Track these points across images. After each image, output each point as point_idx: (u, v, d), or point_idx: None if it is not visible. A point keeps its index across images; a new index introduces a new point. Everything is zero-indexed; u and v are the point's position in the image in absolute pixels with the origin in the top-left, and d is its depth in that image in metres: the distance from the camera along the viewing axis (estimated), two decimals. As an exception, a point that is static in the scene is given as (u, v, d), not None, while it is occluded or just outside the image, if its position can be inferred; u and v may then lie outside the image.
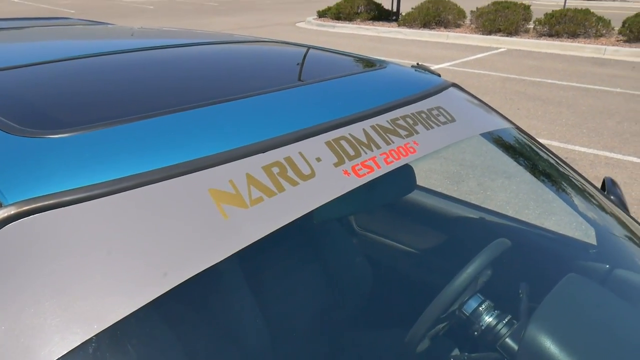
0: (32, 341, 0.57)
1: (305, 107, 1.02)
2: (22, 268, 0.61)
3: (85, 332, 0.59)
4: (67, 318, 0.59)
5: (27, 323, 0.58)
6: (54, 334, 0.58)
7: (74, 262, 0.63)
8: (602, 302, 1.24)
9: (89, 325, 0.59)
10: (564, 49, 10.71)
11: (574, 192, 1.52)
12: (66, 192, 0.68)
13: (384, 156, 0.95)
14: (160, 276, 0.64)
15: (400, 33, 12.88)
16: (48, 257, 0.63)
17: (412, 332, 1.21)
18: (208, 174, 0.76)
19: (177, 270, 0.65)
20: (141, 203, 0.70)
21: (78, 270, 0.62)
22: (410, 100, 1.15)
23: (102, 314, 0.60)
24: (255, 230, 0.74)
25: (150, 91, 1.07)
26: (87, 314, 0.60)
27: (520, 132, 1.49)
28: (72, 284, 0.62)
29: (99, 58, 1.27)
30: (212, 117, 0.91)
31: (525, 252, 1.59)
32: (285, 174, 0.82)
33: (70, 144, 0.77)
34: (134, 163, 0.75)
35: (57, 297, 0.60)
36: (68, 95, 1.03)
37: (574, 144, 5.22)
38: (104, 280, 0.63)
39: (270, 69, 1.34)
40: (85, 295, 0.61)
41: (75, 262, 0.63)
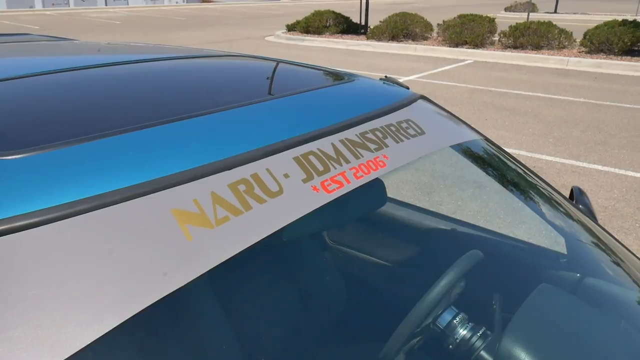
0: None
1: (273, 122, 1.00)
2: None
3: None
4: (27, 349, 0.56)
5: None
6: None
7: (30, 291, 0.59)
8: (574, 311, 1.25)
9: (49, 355, 0.55)
10: (528, 61, 10.97)
11: (543, 201, 1.54)
12: (18, 216, 0.64)
13: (354, 171, 0.93)
14: (123, 302, 0.61)
15: (369, 46, 13.01)
16: (1, 285, 0.59)
17: (386, 347, 1.19)
18: (171, 193, 0.73)
19: (139, 295, 0.62)
20: (100, 226, 0.66)
21: (30, 299, 0.58)
22: (379, 113, 1.14)
23: (63, 343, 0.56)
24: (222, 251, 0.71)
25: (111, 108, 1.03)
26: (47, 345, 0.56)
27: (489, 143, 1.49)
28: (25, 314, 0.58)
29: (56, 75, 1.23)
30: (175, 134, 0.88)
31: (497, 263, 1.59)
32: (252, 191, 0.79)
33: (23, 165, 0.73)
34: (92, 184, 0.72)
35: (8, 329, 0.56)
36: (22, 114, 0.98)
37: (541, 153, 5.32)
38: (60, 309, 0.59)
39: (237, 83, 1.32)
40: (40, 325, 0.57)
41: (31, 290, 0.59)
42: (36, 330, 0.56)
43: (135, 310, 0.61)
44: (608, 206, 4.11)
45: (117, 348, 0.75)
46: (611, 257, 1.46)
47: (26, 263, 0.61)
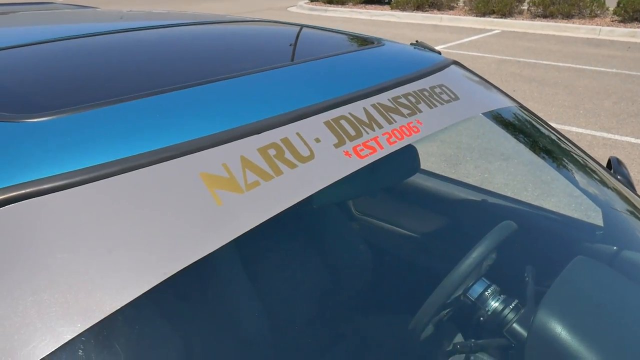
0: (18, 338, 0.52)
1: (302, 86, 0.96)
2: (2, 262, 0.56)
3: (76, 327, 0.54)
4: (56, 313, 0.54)
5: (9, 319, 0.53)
6: (40, 329, 0.53)
7: (57, 255, 0.58)
8: (612, 284, 1.20)
9: (79, 319, 0.54)
10: (558, 30, 10.63)
11: (579, 171, 1.48)
12: (46, 179, 0.62)
13: (387, 136, 0.90)
14: (152, 267, 0.59)
15: (393, 16, 12.75)
16: (28, 249, 0.57)
17: (416, 318, 1.17)
18: (199, 157, 0.71)
19: (169, 261, 0.60)
20: (127, 189, 0.64)
21: (62, 263, 0.57)
22: (411, 78, 1.10)
23: (93, 308, 0.55)
24: (252, 217, 0.68)
25: (138, 72, 1.01)
26: (76, 309, 0.55)
27: (524, 110, 1.43)
28: (57, 278, 0.56)
29: (84, 39, 1.21)
30: (203, 97, 0.85)
31: (530, 235, 1.55)
32: (282, 156, 0.77)
33: (50, 128, 0.72)
34: (119, 147, 0.70)
35: (37, 292, 0.55)
36: (50, 78, 0.97)
37: (571, 125, 5.18)
38: (90, 273, 0.58)
39: (264, 48, 1.28)
40: (73, 288, 0.56)
41: (58, 254, 0.58)
42: (65, 294, 0.55)
43: (164, 276, 0.59)
44: (640, 179, 4.00)
45: (146, 314, 0.74)
46: None
47: (53, 226, 0.59)
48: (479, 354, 1.30)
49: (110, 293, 0.57)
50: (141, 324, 0.72)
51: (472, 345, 1.19)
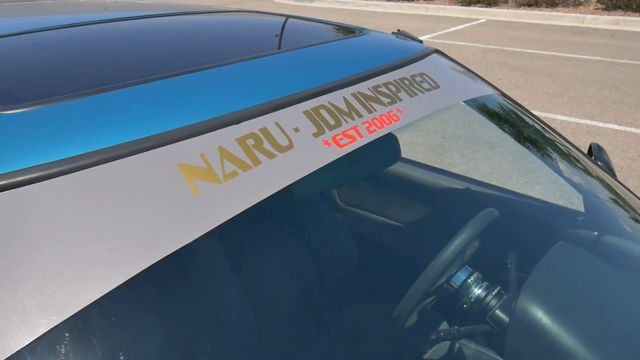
0: None
1: (282, 76, 0.96)
2: None
3: (52, 319, 0.53)
4: (31, 305, 0.54)
5: None
6: (15, 322, 0.52)
7: (33, 247, 0.57)
8: (593, 269, 1.22)
9: (55, 312, 0.54)
10: (543, 19, 10.68)
11: (560, 158, 1.49)
12: (21, 171, 0.62)
13: (366, 125, 0.90)
14: (129, 258, 0.59)
15: (379, 6, 12.72)
16: (3, 241, 0.57)
17: (400, 307, 1.18)
18: (176, 147, 0.70)
19: (146, 252, 0.60)
20: (105, 181, 0.64)
21: (38, 254, 0.56)
22: (392, 66, 1.10)
23: (69, 300, 0.55)
24: (230, 207, 0.68)
25: (116, 62, 0.99)
26: (51, 301, 0.54)
27: (505, 98, 1.44)
28: (33, 270, 0.56)
29: (63, 30, 1.19)
30: (182, 88, 0.84)
31: (512, 222, 1.56)
32: (261, 145, 0.76)
33: (27, 119, 0.71)
34: (97, 138, 0.69)
35: (16, 284, 0.54)
36: (28, 69, 0.95)
37: (555, 113, 5.21)
38: (67, 265, 0.57)
39: (244, 38, 1.27)
40: (48, 280, 0.55)
41: (35, 246, 0.57)
42: (41, 286, 0.55)
43: (142, 267, 0.59)
44: (624, 166, 4.04)
45: (124, 305, 0.73)
46: (630, 214, 1.42)
47: (30, 218, 0.59)
48: (463, 340, 1.32)
49: (87, 284, 0.57)
50: (120, 316, 0.72)
51: (455, 332, 1.20)
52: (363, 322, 1.40)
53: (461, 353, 1.31)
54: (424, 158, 4.16)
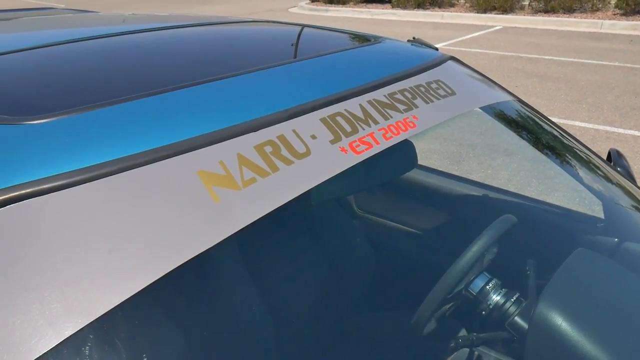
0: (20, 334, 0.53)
1: (298, 84, 0.97)
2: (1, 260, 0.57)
3: (77, 322, 0.55)
4: (57, 309, 0.55)
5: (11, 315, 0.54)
6: (42, 325, 0.54)
7: (58, 252, 0.59)
8: (613, 276, 1.20)
9: (80, 315, 0.55)
10: (560, 25, 10.60)
11: (579, 165, 1.48)
12: (46, 179, 0.63)
13: (383, 132, 0.90)
14: (150, 264, 0.60)
15: (394, 14, 12.74)
16: (29, 247, 0.58)
17: (418, 313, 1.18)
18: (196, 155, 0.72)
19: (167, 258, 0.61)
20: (126, 188, 0.65)
21: (63, 260, 0.58)
22: (408, 74, 1.10)
23: (93, 304, 0.56)
24: (249, 213, 0.69)
25: (137, 74, 1.02)
26: (76, 305, 0.56)
27: (522, 104, 1.44)
28: (58, 275, 0.57)
29: (84, 43, 1.22)
30: (201, 97, 0.86)
31: (531, 228, 1.55)
32: (279, 153, 0.77)
33: (50, 129, 0.73)
34: (118, 147, 0.71)
35: (42, 289, 0.56)
36: (50, 81, 0.98)
37: (574, 119, 5.16)
38: (90, 270, 0.59)
39: (261, 47, 1.29)
40: (73, 285, 0.57)
41: (59, 252, 0.59)
42: (66, 290, 0.56)
43: (162, 272, 0.60)
44: (644, 172, 3.98)
45: (147, 310, 0.75)
46: None
47: (54, 225, 0.60)
48: (482, 347, 1.31)
49: (110, 289, 0.58)
50: (142, 320, 0.73)
51: (474, 338, 1.19)
52: (380, 328, 1.40)
53: None
54: (441, 166, 4.14)
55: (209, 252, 0.65)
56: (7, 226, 0.59)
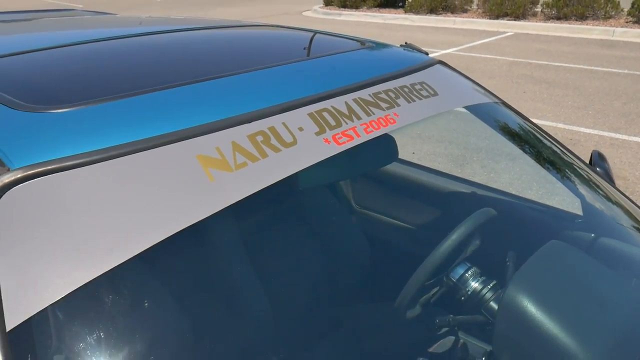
0: (39, 281, 0.64)
1: (291, 83, 1.08)
2: (27, 222, 0.69)
3: (83, 277, 0.66)
4: (60, 267, 0.67)
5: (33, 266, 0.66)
6: (54, 278, 0.65)
7: (76, 216, 0.70)
8: (582, 266, 1.30)
9: (93, 268, 0.67)
10: (572, 32, 10.63)
11: (559, 163, 1.57)
12: (66, 158, 0.75)
13: (364, 126, 1.01)
14: (154, 228, 0.72)
15: (407, 19, 12.83)
16: (51, 214, 0.70)
17: (401, 295, 1.28)
18: (196, 141, 0.83)
19: (168, 223, 0.73)
20: (135, 167, 0.77)
21: (80, 223, 0.70)
22: (393, 75, 1.21)
23: (103, 259, 0.68)
24: (239, 192, 0.81)
25: (146, 71, 1.14)
26: (89, 261, 0.67)
27: (505, 106, 1.54)
28: (75, 235, 0.69)
29: (100, 43, 1.35)
30: (201, 92, 0.98)
31: (512, 222, 1.65)
32: (268, 142, 0.89)
33: (69, 117, 0.85)
34: (129, 133, 0.82)
35: (60, 245, 0.68)
36: (69, 76, 1.10)
37: (579, 125, 5.22)
38: (103, 231, 0.70)
39: (262, 49, 1.41)
40: (87, 243, 0.68)
41: (76, 216, 0.71)
42: (80, 247, 0.68)
43: (165, 236, 0.72)
44: (646, 178, 4.04)
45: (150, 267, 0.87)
46: (626, 220, 1.49)
47: (75, 194, 0.72)
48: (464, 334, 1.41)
49: (120, 247, 0.70)
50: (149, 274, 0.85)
51: (451, 320, 1.29)
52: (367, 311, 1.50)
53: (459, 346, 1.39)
54: (445, 168, 4.23)
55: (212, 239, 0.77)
56: (37, 194, 0.70)
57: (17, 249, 0.67)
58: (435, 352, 1.36)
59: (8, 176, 0.71)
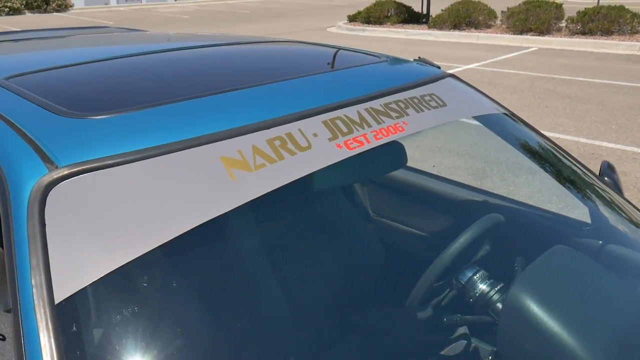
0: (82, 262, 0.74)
1: (308, 94, 1.18)
2: (72, 211, 0.79)
3: (118, 260, 0.76)
4: (99, 251, 0.77)
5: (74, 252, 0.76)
6: (94, 260, 0.75)
7: (111, 209, 0.80)
8: (588, 270, 1.35)
9: (129, 252, 0.76)
10: (596, 47, 10.57)
11: (567, 174, 1.63)
12: (104, 158, 0.86)
13: (374, 133, 1.10)
14: (183, 218, 0.81)
15: (430, 35, 12.92)
16: (92, 206, 0.80)
17: (411, 295, 1.35)
18: (220, 144, 0.93)
19: (195, 215, 0.82)
20: (166, 166, 0.87)
21: (120, 210, 0.80)
22: (404, 87, 1.29)
23: (133, 245, 0.77)
24: (258, 189, 0.90)
25: (175, 82, 1.25)
26: (120, 247, 0.77)
27: (514, 117, 1.60)
28: (118, 220, 0.79)
29: (132, 58, 1.47)
30: (225, 101, 1.08)
31: (522, 229, 1.70)
32: (285, 146, 0.98)
33: (107, 123, 0.96)
34: (159, 137, 0.92)
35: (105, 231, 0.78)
36: (105, 87, 1.22)
37: (602, 140, 5.21)
38: (133, 221, 0.80)
39: (281, 63, 1.51)
40: (128, 227, 0.78)
41: (112, 208, 0.81)
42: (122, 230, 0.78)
43: (191, 227, 0.81)
44: (668, 193, 4.02)
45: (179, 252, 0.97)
46: (632, 227, 1.54)
47: (114, 188, 0.82)
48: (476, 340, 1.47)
49: (151, 236, 0.79)
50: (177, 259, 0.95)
51: (458, 319, 1.36)
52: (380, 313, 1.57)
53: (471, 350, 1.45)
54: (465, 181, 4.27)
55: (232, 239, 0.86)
56: (80, 188, 0.81)
57: (64, 234, 0.77)
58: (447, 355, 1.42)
59: (57, 172, 0.82)
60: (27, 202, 0.79)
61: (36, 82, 1.21)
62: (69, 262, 0.75)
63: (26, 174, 0.82)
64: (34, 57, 1.68)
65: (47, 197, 0.79)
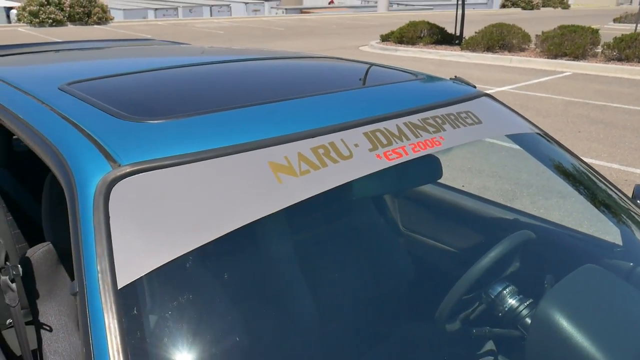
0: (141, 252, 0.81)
1: (351, 106, 1.24)
2: (133, 206, 0.86)
3: (170, 254, 0.82)
4: (156, 243, 0.83)
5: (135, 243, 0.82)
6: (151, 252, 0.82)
7: (167, 205, 0.87)
8: (617, 290, 1.36)
9: (180, 247, 0.83)
10: (633, 74, 10.44)
11: (601, 196, 1.65)
12: (162, 158, 0.93)
13: (412, 146, 1.15)
14: (233, 217, 0.88)
15: (463, 57, 12.93)
16: (151, 201, 0.87)
17: (440, 307, 1.38)
18: (268, 150, 0.99)
19: (244, 215, 0.89)
20: (219, 168, 0.94)
21: (174, 207, 0.86)
22: (441, 104, 1.35)
23: (187, 239, 0.84)
24: (302, 193, 0.96)
25: (225, 92, 1.33)
26: (173, 241, 0.84)
27: (548, 138, 1.63)
28: (165, 220, 0.86)
29: (183, 68, 1.55)
30: (273, 111, 1.15)
31: (553, 247, 1.72)
32: (328, 154, 1.04)
33: (163, 127, 1.03)
34: (211, 141, 0.99)
35: (155, 227, 0.84)
36: (161, 94, 1.31)
37: (636, 167, 5.15)
38: (187, 218, 0.87)
39: (323, 77, 1.58)
40: (183, 223, 0.85)
41: (168, 205, 0.87)
42: (176, 226, 0.84)
43: (240, 224, 0.88)
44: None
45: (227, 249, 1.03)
46: None
47: (169, 187, 0.89)
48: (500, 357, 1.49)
49: (203, 231, 0.85)
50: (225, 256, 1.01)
51: (487, 332, 1.38)
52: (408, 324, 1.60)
53: None
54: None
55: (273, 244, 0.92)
56: (140, 185, 0.88)
57: (126, 226, 0.83)
58: None
59: (119, 170, 0.89)
60: (93, 196, 0.86)
61: (94, 88, 1.30)
62: (129, 252, 0.81)
63: (92, 171, 0.90)
64: (89, 66, 1.79)
65: (110, 192, 0.86)
